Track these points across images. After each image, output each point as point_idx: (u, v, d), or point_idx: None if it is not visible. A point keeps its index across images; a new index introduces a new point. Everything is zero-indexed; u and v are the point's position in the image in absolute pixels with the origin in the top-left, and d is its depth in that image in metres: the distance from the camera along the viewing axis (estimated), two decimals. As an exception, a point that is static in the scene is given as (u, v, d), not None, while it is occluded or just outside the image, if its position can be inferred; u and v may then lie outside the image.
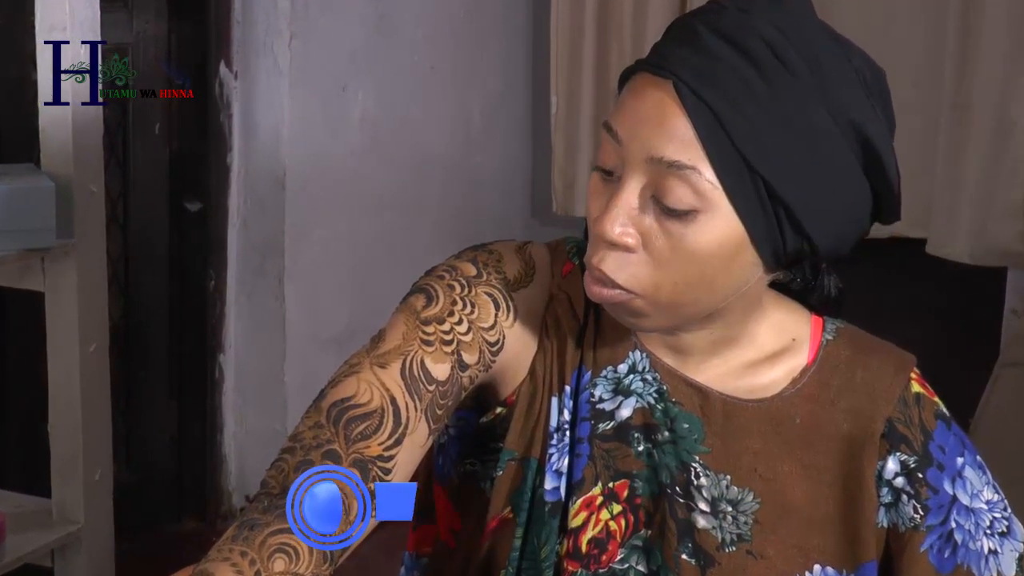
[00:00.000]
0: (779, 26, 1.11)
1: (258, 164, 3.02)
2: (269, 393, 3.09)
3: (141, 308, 2.96)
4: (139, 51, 2.90)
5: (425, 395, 1.16)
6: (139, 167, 2.92)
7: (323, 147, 3.10)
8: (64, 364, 2.07)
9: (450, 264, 1.25)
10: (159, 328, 3.03)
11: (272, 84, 3.00)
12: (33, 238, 1.98)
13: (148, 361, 2.99)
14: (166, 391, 3.06)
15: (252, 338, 3.08)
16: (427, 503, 1.35)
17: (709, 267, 1.13)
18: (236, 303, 3.07)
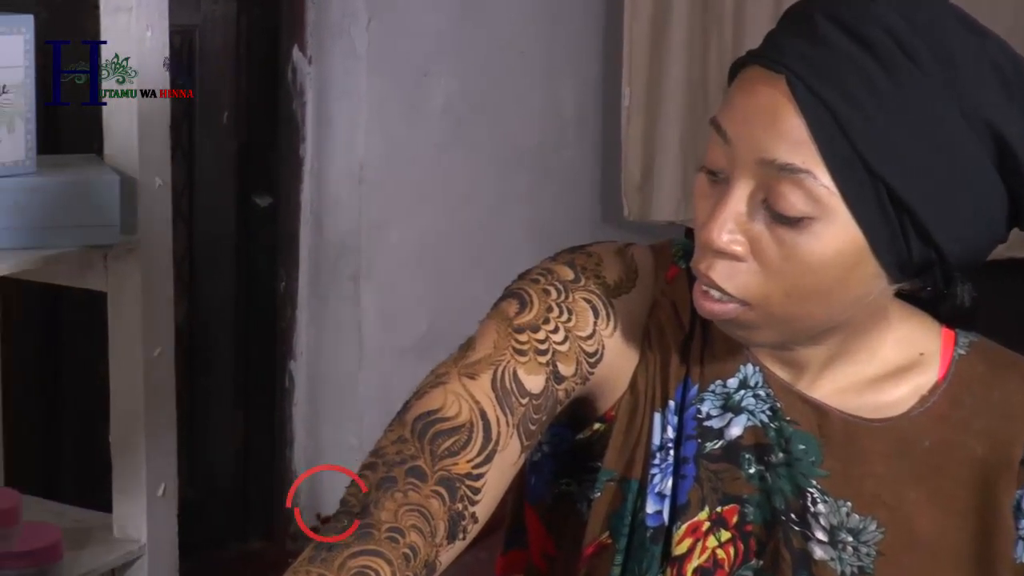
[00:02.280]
0: (906, 15, 1.10)
1: (333, 156, 3.04)
2: (343, 404, 3.11)
3: (206, 311, 2.99)
4: (206, 34, 2.93)
5: (517, 409, 1.17)
6: (205, 159, 2.96)
7: (402, 138, 3.11)
8: (126, 370, 2.10)
9: (545, 267, 1.26)
10: (224, 332, 3.07)
11: (348, 70, 3.02)
12: (96, 234, 2.00)
13: (212, 368, 3.02)
14: (231, 400, 3.09)
15: (325, 344, 3.10)
16: (518, 526, 1.35)
17: (825, 278, 1.12)
18: (308, 306, 3.10)
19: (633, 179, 3.46)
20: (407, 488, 1.10)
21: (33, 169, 2.01)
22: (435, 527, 1.09)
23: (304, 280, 3.09)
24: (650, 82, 3.43)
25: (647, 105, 3.45)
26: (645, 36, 3.40)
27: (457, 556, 1.14)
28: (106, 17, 2.06)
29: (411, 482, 1.10)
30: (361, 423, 3.10)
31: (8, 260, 1.93)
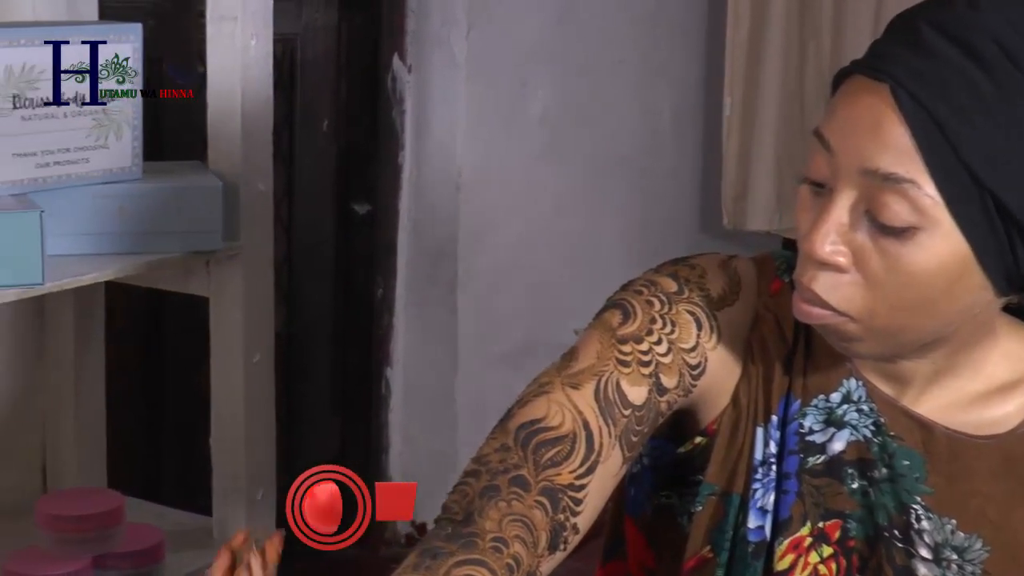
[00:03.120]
0: (1013, 23, 1.09)
1: (431, 164, 3.06)
2: (439, 412, 3.12)
3: (304, 317, 3.02)
4: (307, 43, 2.97)
5: (620, 420, 1.17)
6: (305, 166, 2.99)
7: (499, 146, 3.12)
8: (227, 375, 2.12)
9: (648, 278, 1.26)
10: (322, 339, 3.09)
11: (447, 78, 3.03)
12: (199, 240, 2.03)
13: (310, 375, 3.05)
14: (328, 407, 3.12)
15: (421, 352, 3.12)
16: (617, 537, 1.35)
17: (929, 290, 1.12)
18: (405, 313, 3.11)
19: (732, 189, 3.45)
20: (511, 498, 1.10)
21: (139, 175, 2.03)
22: (537, 537, 1.09)
23: (401, 287, 3.11)
24: (747, 92, 3.41)
25: (744, 115, 3.43)
26: (744, 45, 3.38)
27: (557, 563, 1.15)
28: (211, 26, 2.08)
29: (514, 491, 1.11)
30: (456, 431, 3.12)
31: (113, 265, 1.96)
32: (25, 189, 1.90)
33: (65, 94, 1.94)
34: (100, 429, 2.28)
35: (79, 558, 1.96)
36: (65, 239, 1.93)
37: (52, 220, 1.86)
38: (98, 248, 1.97)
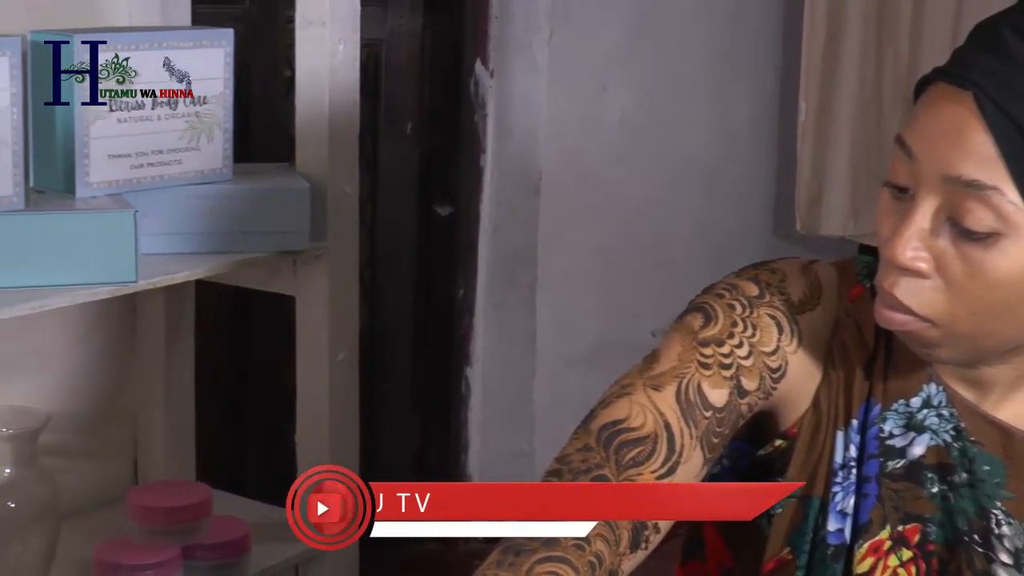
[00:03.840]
0: None
1: (512, 167, 3.06)
2: (517, 411, 3.12)
3: (386, 317, 3.04)
4: (392, 48, 2.98)
5: (701, 422, 1.17)
6: (388, 168, 3.00)
7: (579, 150, 3.12)
8: (313, 373, 2.13)
9: (730, 282, 1.26)
10: (403, 338, 3.10)
11: (529, 83, 3.04)
12: (286, 240, 2.04)
13: (391, 373, 3.06)
14: (409, 405, 3.13)
15: (500, 352, 3.12)
16: (695, 538, 1.35)
17: (1012, 296, 1.11)
18: (484, 314, 3.12)
19: (807, 194, 3.42)
20: (593, 497, 1.10)
21: (229, 177, 2.05)
22: (619, 536, 1.09)
23: (482, 288, 3.11)
24: (823, 98, 3.39)
25: (819, 121, 3.41)
26: (820, 52, 3.36)
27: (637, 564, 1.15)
28: (300, 31, 2.10)
29: None
30: (534, 430, 3.12)
31: (203, 264, 1.97)
32: (120, 190, 1.93)
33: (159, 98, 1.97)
34: (189, 423, 2.30)
35: (168, 549, 1.97)
36: (158, 238, 1.95)
37: (145, 220, 1.88)
38: (189, 247, 1.99)
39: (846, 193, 3.41)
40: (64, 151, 1.88)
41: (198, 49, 2.00)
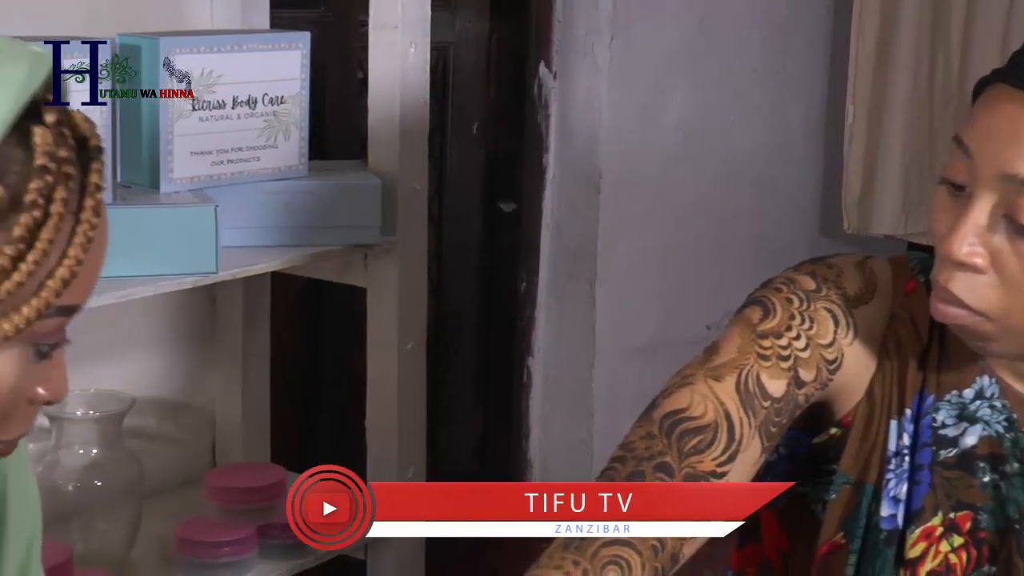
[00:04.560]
0: None
1: (574, 166, 3.06)
2: (576, 400, 3.12)
3: (451, 308, 3.04)
4: (459, 51, 2.98)
5: (760, 411, 1.16)
6: (455, 166, 3.00)
7: (638, 151, 3.12)
8: (382, 361, 2.14)
9: (788, 277, 1.25)
10: (468, 329, 3.11)
11: (590, 85, 3.03)
12: (358, 234, 2.05)
13: (456, 362, 3.06)
14: (473, 393, 3.13)
15: (561, 343, 3.12)
16: (752, 522, 1.34)
17: None
18: (546, 306, 3.12)
19: (854, 194, 3.40)
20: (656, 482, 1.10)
21: (304, 173, 2.06)
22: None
23: (543, 282, 3.11)
24: (873, 102, 3.36)
25: (869, 124, 3.38)
26: (870, 58, 3.33)
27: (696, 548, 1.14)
28: (373, 34, 2.11)
29: (659, 477, 1.11)
30: (592, 418, 3.11)
31: (280, 256, 1.99)
32: (202, 185, 1.94)
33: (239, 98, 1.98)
34: (264, 408, 2.32)
35: (244, 527, 1.99)
36: (237, 232, 1.96)
37: (225, 214, 1.89)
38: (266, 240, 2.00)
39: (896, 193, 3.38)
40: (149, 148, 1.90)
41: (276, 51, 2.01)
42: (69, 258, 0.85)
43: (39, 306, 0.84)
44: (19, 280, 0.83)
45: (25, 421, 0.90)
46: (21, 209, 0.83)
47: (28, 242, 0.83)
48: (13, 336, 0.84)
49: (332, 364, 2.85)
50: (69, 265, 0.85)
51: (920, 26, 3.31)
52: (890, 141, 3.36)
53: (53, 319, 0.86)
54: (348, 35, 2.71)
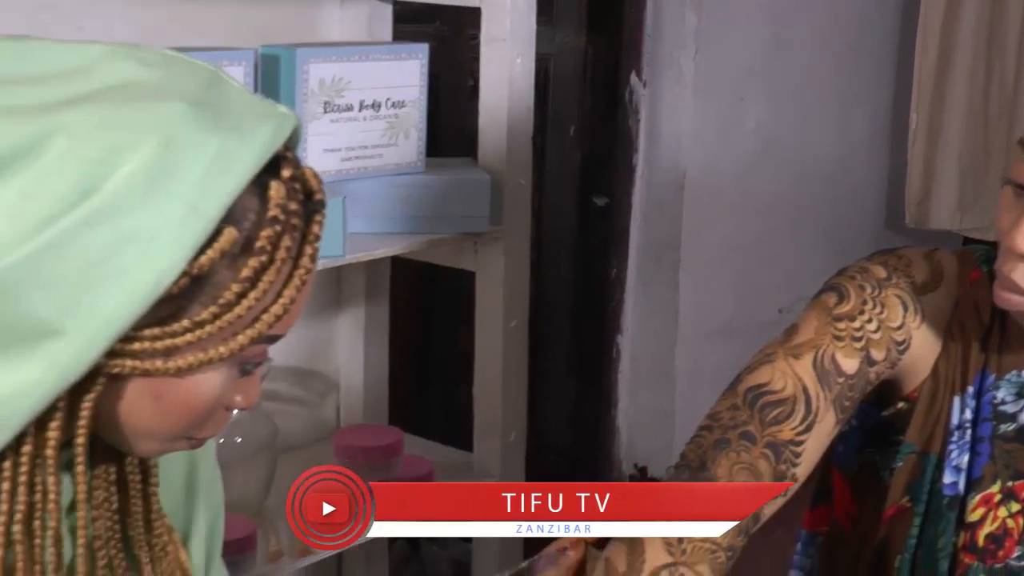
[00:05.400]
0: None
1: (660, 166, 3.04)
2: (660, 375, 3.11)
3: (549, 291, 3.04)
4: (559, 61, 2.97)
5: (834, 386, 1.15)
6: (554, 164, 2.99)
7: (719, 154, 3.09)
8: (489, 337, 2.14)
9: (861, 266, 1.23)
10: (563, 310, 3.10)
11: (676, 94, 3.01)
12: (469, 223, 2.05)
13: (552, 339, 3.06)
14: (567, 367, 3.13)
15: (647, 324, 3.11)
16: (825, 486, 1.33)
17: None
18: (634, 291, 3.11)
19: (916, 193, 3.35)
20: (739, 449, 1.09)
21: (422, 169, 2.06)
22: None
23: (632, 269, 3.10)
24: (934, 110, 3.31)
25: (930, 130, 3.33)
26: (932, 70, 3.28)
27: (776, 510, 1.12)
28: (484, 46, 2.10)
29: (743, 444, 1.09)
30: (674, 392, 3.10)
31: (400, 243, 1.99)
32: (332, 179, 1.95)
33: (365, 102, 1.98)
34: (383, 376, 2.33)
35: (366, 482, 1.99)
36: (362, 220, 1.97)
37: (352, 205, 1.90)
38: (387, 228, 2.00)
39: (954, 192, 3.33)
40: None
41: (398, 61, 2.01)
42: (284, 298, 0.87)
43: (252, 335, 0.87)
44: (239, 314, 0.85)
45: (219, 424, 0.93)
46: (251, 253, 0.85)
47: (252, 282, 0.85)
48: (226, 359, 0.87)
49: (442, 339, 2.86)
50: (283, 303, 0.87)
51: (977, 42, 3.25)
52: (949, 146, 3.31)
53: (261, 345, 0.88)
54: (460, 47, 2.71)
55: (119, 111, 0.82)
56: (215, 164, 0.82)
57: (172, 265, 0.81)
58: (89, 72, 0.84)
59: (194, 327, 0.85)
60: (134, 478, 0.96)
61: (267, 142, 0.85)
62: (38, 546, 0.87)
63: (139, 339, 0.84)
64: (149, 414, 0.88)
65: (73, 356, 0.81)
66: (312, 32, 2.13)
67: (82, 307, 0.80)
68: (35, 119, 0.81)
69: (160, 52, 0.88)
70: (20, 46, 0.85)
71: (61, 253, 0.79)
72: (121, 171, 0.80)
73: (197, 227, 0.82)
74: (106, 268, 0.80)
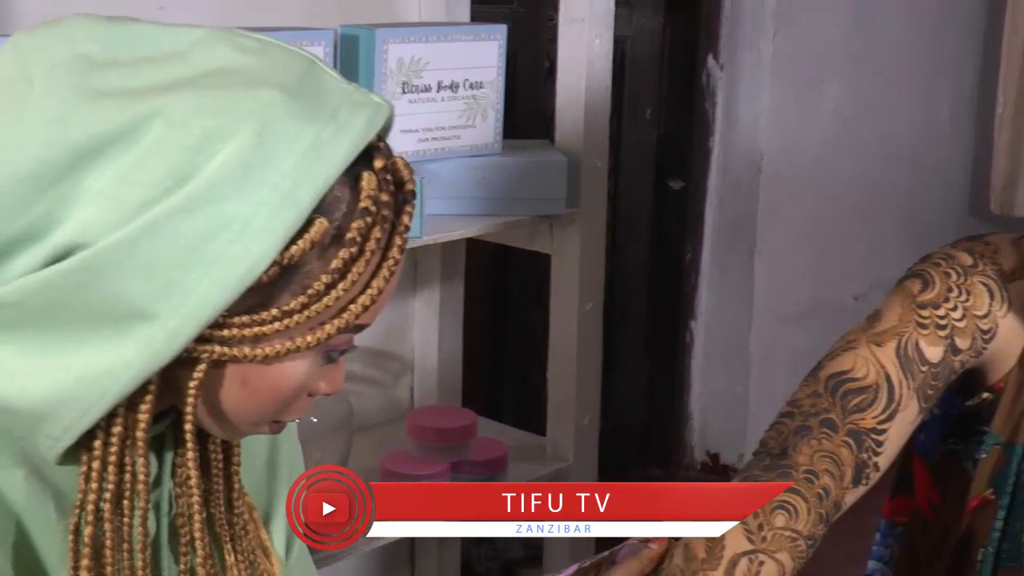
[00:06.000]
0: None
1: (736, 149, 3.02)
2: (733, 359, 3.09)
3: (624, 274, 3.03)
4: (636, 43, 2.95)
5: (918, 375, 1.13)
6: (630, 147, 2.98)
7: (796, 136, 3.06)
8: (564, 319, 2.14)
9: (946, 252, 1.21)
10: (638, 293, 3.09)
11: (754, 76, 2.98)
12: (545, 206, 2.04)
13: (627, 322, 3.05)
14: (641, 350, 3.12)
15: (721, 308, 3.09)
16: (906, 475, 1.31)
17: None
18: (709, 275, 3.09)
19: (1001, 178, 3.29)
20: (821, 436, 1.08)
21: (499, 151, 2.06)
22: (844, 472, 1.07)
23: (707, 252, 3.08)
24: (1021, 93, 3.24)
25: (1016, 114, 3.26)
26: (1020, 51, 3.21)
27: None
28: (563, 27, 2.09)
29: (824, 432, 1.08)
30: (748, 377, 3.08)
31: (476, 224, 1.99)
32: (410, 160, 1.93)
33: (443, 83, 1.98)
34: (457, 357, 2.33)
35: (439, 463, 2.00)
36: (438, 202, 1.97)
37: (429, 186, 1.90)
38: (463, 210, 2.00)
39: (1039, 178, 3.27)
40: (365, 127, 1.91)
41: (477, 42, 2.01)
42: (372, 288, 0.87)
43: (339, 325, 0.87)
44: (327, 304, 0.85)
45: (301, 409, 0.93)
46: (341, 245, 0.85)
47: (341, 273, 0.85)
48: (313, 347, 0.87)
49: (516, 321, 2.86)
50: (371, 294, 0.87)
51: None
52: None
53: (347, 334, 0.89)
54: (536, 28, 2.70)
55: (215, 97, 0.82)
56: (309, 154, 0.82)
57: (263, 254, 0.82)
58: (186, 56, 0.84)
59: (282, 316, 0.85)
60: (216, 458, 0.97)
61: (361, 132, 0.85)
62: (126, 524, 0.88)
63: (228, 326, 0.85)
64: (234, 399, 0.89)
65: (164, 341, 0.82)
66: (391, 12, 2.13)
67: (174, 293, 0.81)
68: (133, 103, 0.81)
69: (256, 38, 0.88)
70: (119, 28, 0.85)
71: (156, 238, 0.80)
72: (216, 159, 0.81)
73: (289, 217, 0.82)
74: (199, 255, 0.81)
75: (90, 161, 0.81)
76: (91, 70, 0.83)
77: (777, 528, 1.01)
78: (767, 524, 1.01)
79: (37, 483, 0.89)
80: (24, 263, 0.82)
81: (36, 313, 0.82)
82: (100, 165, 0.81)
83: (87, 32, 0.85)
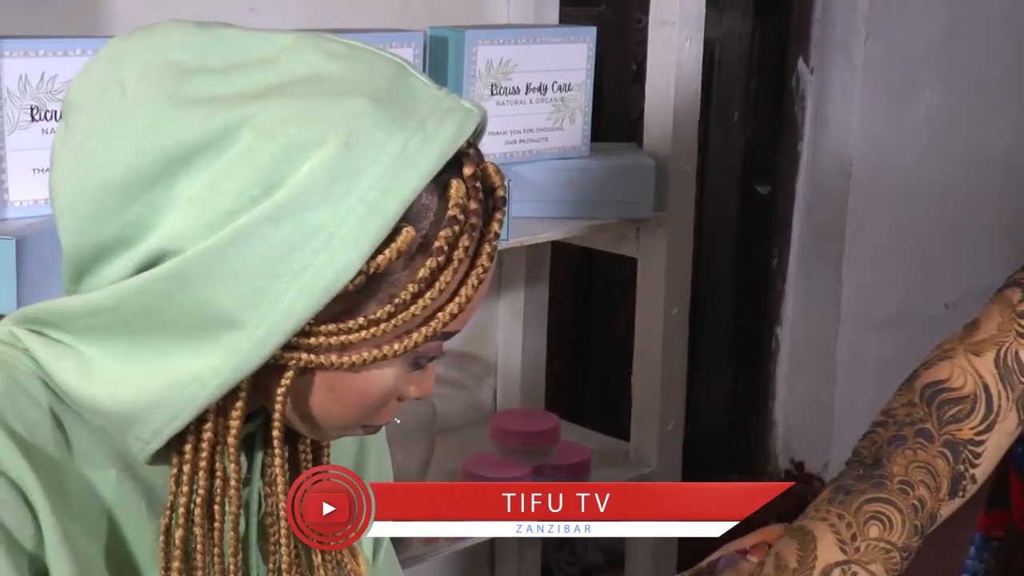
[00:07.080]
0: None
1: (826, 153, 2.98)
2: (819, 367, 3.05)
3: (709, 279, 3.00)
4: (725, 46, 2.93)
5: (1017, 386, 1.11)
6: (717, 150, 2.96)
7: (888, 141, 3.02)
8: (649, 324, 2.12)
9: (1047, 261, 1.18)
10: (723, 298, 3.07)
11: (845, 80, 2.95)
12: (632, 209, 2.03)
13: (711, 327, 3.03)
14: (726, 356, 3.09)
15: (807, 314, 3.06)
16: (1001, 489, 1.29)
17: None
18: (795, 281, 3.06)
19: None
20: (916, 447, 1.06)
21: (586, 153, 2.06)
22: (939, 484, 1.05)
23: (793, 258, 3.05)
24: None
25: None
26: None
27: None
28: (653, 29, 2.08)
29: (919, 442, 1.06)
30: (834, 385, 3.04)
31: (562, 227, 1.98)
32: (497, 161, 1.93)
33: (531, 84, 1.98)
34: (541, 361, 2.33)
35: (522, 466, 2.00)
36: (524, 204, 1.96)
37: (516, 188, 1.90)
38: (549, 212, 1.99)
39: None
40: (452, 128, 1.91)
41: (565, 44, 2.01)
42: (460, 296, 0.87)
43: (427, 333, 0.87)
44: (414, 313, 0.85)
45: (391, 413, 0.94)
46: (429, 253, 0.85)
47: (429, 282, 0.85)
48: (400, 355, 0.87)
49: (601, 325, 2.85)
50: (459, 302, 0.87)
51: None
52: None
53: (435, 342, 0.88)
54: (624, 31, 2.69)
55: (303, 106, 0.82)
56: (396, 163, 0.82)
57: (349, 263, 0.82)
58: (276, 63, 0.85)
59: (369, 325, 0.85)
60: (306, 458, 0.98)
61: (449, 141, 0.85)
62: (217, 529, 0.89)
63: (315, 334, 0.85)
64: (322, 404, 0.89)
65: (251, 349, 0.83)
66: (480, 15, 2.14)
67: (261, 301, 0.82)
68: (223, 110, 0.82)
69: (346, 42, 0.88)
70: (211, 34, 0.86)
71: (244, 246, 0.81)
72: (303, 168, 0.81)
73: (375, 226, 0.82)
74: (286, 264, 0.81)
75: (181, 168, 0.82)
76: (183, 77, 0.83)
77: (871, 539, 1.00)
78: (861, 535, 1.00)
79: (129, 481, 0.90)
80: (117, 268, 0.84)
81: (128, 319, 0.83)
82: (190, 172, 0.82)
83: (179, 38, 0.85)
